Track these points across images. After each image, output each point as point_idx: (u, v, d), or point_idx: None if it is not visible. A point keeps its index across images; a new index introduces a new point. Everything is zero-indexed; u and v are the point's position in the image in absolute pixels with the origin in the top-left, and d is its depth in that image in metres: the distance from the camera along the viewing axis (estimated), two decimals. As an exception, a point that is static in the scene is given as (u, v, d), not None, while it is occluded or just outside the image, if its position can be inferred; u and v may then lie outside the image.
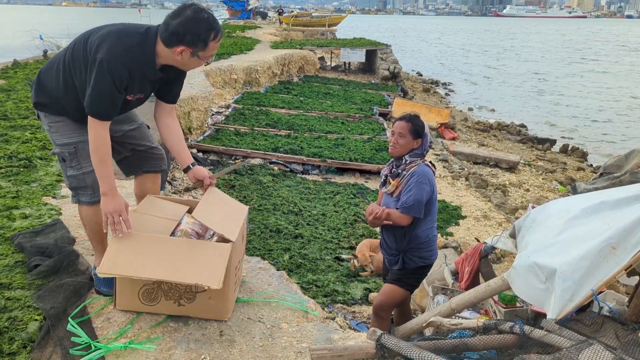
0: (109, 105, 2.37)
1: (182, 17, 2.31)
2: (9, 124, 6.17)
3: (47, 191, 4.21)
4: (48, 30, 22.75)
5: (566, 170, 12.27)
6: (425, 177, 3.15)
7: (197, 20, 2.32)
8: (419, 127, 3.20)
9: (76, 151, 2.57)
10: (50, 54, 13.75)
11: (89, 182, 2.59)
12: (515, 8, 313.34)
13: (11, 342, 2.25)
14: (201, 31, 2.32)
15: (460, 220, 7.46)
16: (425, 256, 3.27)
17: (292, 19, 37.01)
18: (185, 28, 2.31)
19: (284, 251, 5.39)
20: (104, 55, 2.29)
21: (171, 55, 2.38)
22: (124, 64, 2.31)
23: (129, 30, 2.41)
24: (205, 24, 2.33)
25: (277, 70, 16.53)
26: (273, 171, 8.09)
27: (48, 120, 2.60)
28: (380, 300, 3.35)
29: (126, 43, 2.34)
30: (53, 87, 2.52)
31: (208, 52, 2.40)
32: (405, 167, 3.22)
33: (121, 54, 2.31)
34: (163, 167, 2.95)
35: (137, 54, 2.35)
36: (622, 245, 2.26)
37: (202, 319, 2.50)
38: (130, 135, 2.79)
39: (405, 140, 3.18)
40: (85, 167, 2.58)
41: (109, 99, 2.34)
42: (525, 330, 2.21)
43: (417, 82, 25.14)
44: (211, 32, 2.35)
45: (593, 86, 28.10)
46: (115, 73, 2.30)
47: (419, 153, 3.24)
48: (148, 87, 2.55)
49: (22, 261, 2.96)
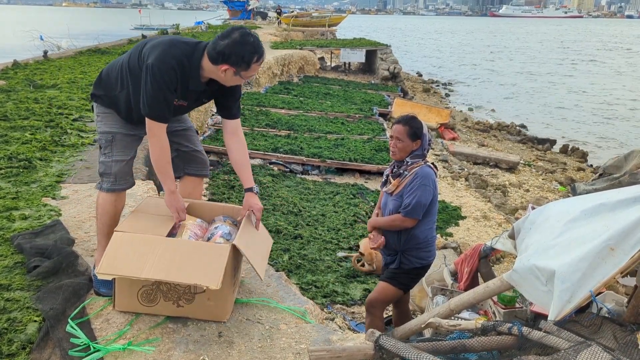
0: (164, 106, 2.56)
1: (230, 39, 2.47)
2: (8, 125, 6.17)
3: (47, 192, 4.21)
4: (48, 30, 22.79)
5: (566, 170, 12.27)
6: (427, 179, 3.17)
7: (243, 44, 2.48)
8: (416, 128, 3.21)
9: (113, 140, 2.79)
10: (50, 54, 13.75)
11: (114, 170, 2.78)
12: (512, 8, 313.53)
13: (10, 343, 2.25)
14: (245, 54, 2.48)
15: (460, 221, 7.47)
16: (422, 257, 3.28)
17: (292, 19, 37.01)
18: (232, 50, 2.46)
19: (283, 252, 5.40)
20: (153, 60, 2.49)
21: (215, 71, 2.54)
22: (172, 69, 2.50)
23: (179, 42, 2.60)
24: (250, 48, 2.49)
25: (277, 71, 16.55)
26: (273, 171, 8.10)
27: (98, 110, 2.83)
28: (372, 297, 3.40)
29: (174, 52, 2.53)
30: (112, 84, 2.74)
31: (250, 72, 2.56)
32: (407, 168, 3.23)
33: (169, 59, 2.50)
34: (204, 172, 3.09)
35: (184, 62, 2.53)
36: (620, 247, 2.26)
37: (201, 320, 2.50)
38: (177, 134, 2.94)
39: (404, 144, 3.20)
40: (116, 155, 2.78)
41: (163, 100, 2.53)
42: (523, 332, 2.21)
43: (417, 83, 25.15)
44: (254, 55, 2.51)
45: (591, 86, 28.10)
46: (165, 74, 2.49)
47: (419, 154, 3.25)
48: (191, 97, 2.69)
49: (21, 262, 2.96)
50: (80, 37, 26.06)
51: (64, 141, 5.71)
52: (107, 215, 2.79)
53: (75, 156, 5.27)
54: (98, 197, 2.87)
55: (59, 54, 14.63)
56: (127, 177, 2.85)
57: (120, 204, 2.83)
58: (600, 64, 39.69)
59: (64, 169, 4.86)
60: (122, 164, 2.78)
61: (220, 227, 2.72)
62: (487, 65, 37.81)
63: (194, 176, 3.09)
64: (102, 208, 2.82)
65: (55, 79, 9.70)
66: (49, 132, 6.00)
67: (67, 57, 13.71)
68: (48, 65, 11.62)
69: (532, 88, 26.97)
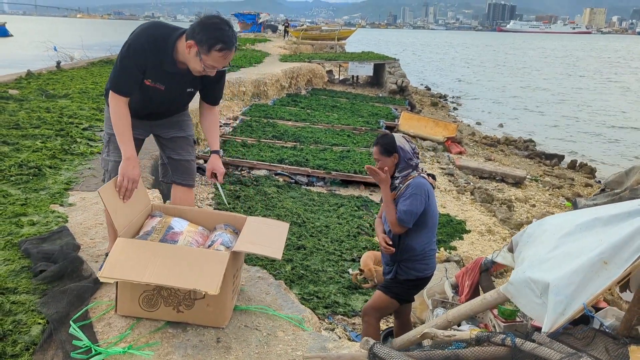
0: (127, 81, 2.65)
1: (207, 19, 2.52)
2: (20, 133, 6.30)
3: (55, 199, 4.30)
4: (62, 41, 23.17)
5: (574, 186, 12.21)
6: (418, 189, 3.20)
7: (214, 27, 2.50)
8: (386, 145, 3.27)
9: (109, 140, 2.92)
10: (63, 64, 13.99)
11: (109, 168, 2.94)
12: (519, 23, 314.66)
13: (14, 344, 2.31)
14: (210, 35, 2.48)
15: (464, 235, 7.47)
16: (419, 269, 3.31)
17: (302, 32, 37.34)
18: (201, 27, 2.50)
19: (286, 262, 5.44)
20: (129, 39, 2.61)
21: (184, 50, 2.56)
22: (142, 45, 2.58)
23: (161, 25, 2.69)
24: (218, 33, 2.49)
25: (285, 83, 16.70)
26: (278, 182, 8.17)
27: (106, 108, 2.94)
28: (367, 305, 3.47)
29: (151, 32, 2.63)
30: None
31: (208, 60, 2.54)
32: (401, 181, 3.28)
33: (143, 38, 2.59)
34: (190, 182, 3.13)
35: (159, 42, 2.59)
36: (613, 260, 2.29)
37: (200, 326, 2.55)
38: (173, 141, 3.05)
39: (382, 162, 3.28)
40: (110, 155, 2.92)
41: (127, 75, 2.63)
42: (516, 343, 2.24)
43: (425, 96, 25.20)
44: (219, 43, 2.49)
45: (599, 102, 28.04)
46: (134, 52, 2.58)
47: (404, 166, 3.28)
48: (168, 81, 2.73)
49: (28, 266, 3.03)
50: (94, 47, 26.43)
51: (73, 150, 5.82)
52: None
53: (83, 164, 5.37)
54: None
55: (72, 64, 14.88)
56: None
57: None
58: (610, 81, 39.62)
59: (73, 176, 4.96)
60: (116, 164, 2.82)
61: (221, 235, 2.78)
62: (496, 80, 37.86)
63: (180, 185, 3.13)
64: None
65: (67, 89, 9.88)
66: (59, 141, 6.12)
67: (79, 67, 13.95)
68: (61, 76, 11.82)
69: (541, 103, 26.96)
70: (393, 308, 3.51)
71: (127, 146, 2.68)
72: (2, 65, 15.68)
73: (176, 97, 2.88)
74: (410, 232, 3.23)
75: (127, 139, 2.69)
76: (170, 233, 2.72)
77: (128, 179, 2.67)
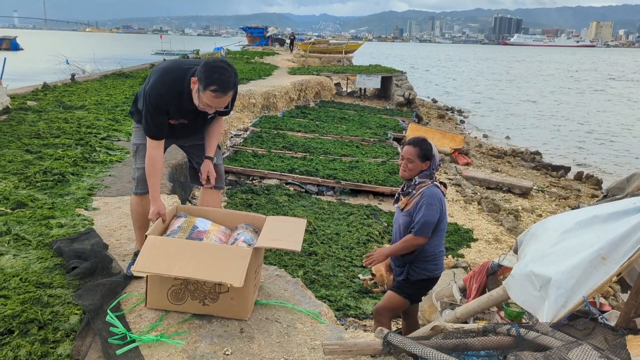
0: (156, 128, 2.93)
1: (213, 62, 2.79)
2: (42, 142, 6.54)
3: (80, 203, 4.51)
4: (74, 55, 23.62)
5: (580, 197, 12.32)
6: (433, 198, 3.35)
7: (216, 70, 2.73)
8: (426, 150, 3.41)
9: (137, 150, 3.20)
10: (77, 77, 14.33)
11: (137, 176, 3.21)
12: (523, 37, 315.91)
13: (55, 331, 2.50)
14: (208, 76, 2.72)
15: (471, 243, 7.61)
16: (429, 269, 3.46)
17: (309, 45, 37.76)
18: (206, 67, 2.75)
19: (298, 267, 5.60)
20: (148, 89, 2.89)
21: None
22: (160, 96, 2.86)
23: (173, 69, 2.92)
24: (215, 76, 2.72)
25: (294, 95, 16.96)
26: (289, 191, 8.36)
27: (133, 124, 3.27)
28: (379, 305, 3.63)
29: (166, 79, 2.89)
30: (139, 103, 3.12)
31: (204, 98, 2.78)
32: (415, 187, 3.44)
33: (160, 87, 2.86)
34: (219, 184, 3.36)
35: (175, 87, 2.86)
36: (611, 256, 2.46)
37: (224, 318, 2.73)
38: (199, 147, 3.27)
39: (414, 165, 3.40)
40: (138, 164, 3.20)
41: (154, 122, 2.92)
42: (521, 332, 2.40)
43: (432, 109, 25.42)
44: (213, 84, 2.72)
45: (604, 114, 28.15)
46: (154, 101, 2.86)
47: (427, 174, 3.44)
48: (190, 115, 3.01)
49: (60, 264, 3.24)
50: (104, 61, 26.93)
51: (93, 158, 6.05)
52: (137, 214, 3.26)
53: (104, 172, 5.59)
54: (130, 200, 3.36)
55: (85, 77, 15.22)
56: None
57: (146, 203, 3.13)
58: (613, 94, 39.72)
59: (95, 183, 5.17)
60: (142, 171, 3.11)
61: (243, 234, 2.97)
62: (502, 93, 38.04)
63: (210, 188, 3.33)
64: (132, 207, 3.31)
65: (83, 101, 10.16)
66: (79, 150, 6.35)
67: (93, 80, 14.28)
68: (75, 88, 12.13)
69: (547, 115, 27.10)
70: (404, 308, 3.66)
71: (153, 189, 2.98)
72: (15, 79, 16.04)
73: (201, 125, 3.17)
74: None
75: (154, 181, 2.98)
76: (195, 232, 2.92)
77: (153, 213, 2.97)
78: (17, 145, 6.31)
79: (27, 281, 2.98)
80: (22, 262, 3.25)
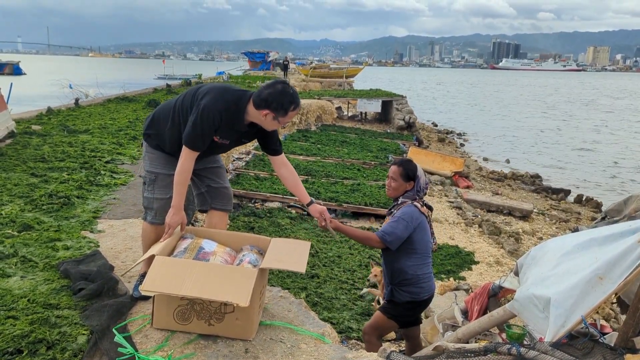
0: (200, 140, 2.95)
1: (273, 89, 2.89)
2: (47, 166, 6.64)
3: (85, 226, 4.58)
4: (77, 79, 23.92)
5: (580, 220, 12.36)
6: (405, 215, 3.38)
7: (284, 94, 2.90)
8: (409, 170, 3.48)
9: (155, 180, 3.20)
10: (81, 102, 14.52)
11: (156, 207, 3.21)
12: (511, 61, 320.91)
13: (63, 351, 2.54)
14: (285, 102, 2.89)
15: (473, 265, 7.64)
16: (413, 292, 3.46)
17: (310, 70, 38.22)
18: (273, 98, 2.87)
19: (300, 290, 5.63)
20: (206, 102, 2.92)
21: (258, 116, 2.95)
22: (219, 112, 2.92)
23: (230, 89, 3.04)
24: (289, 98, 2.90)
25: (295, 119, 17.15)
26: (291, 214, 8.42)
27: (146, 149, 3.26)
28: (366, 325, 3.69)
29: (227, 97, 2.97)
30: (162, 122, 3.14)
31: (287, 119, 2.98)
32: (397, 207, 3.51)
33: (220, 103, 2.93)
34: (228, 207, 3.45)
35: (232, 107, 2.95)
36: (608, 276, 2.51)
37: (229, 338, 2.77)
38: (211, 171, 3.35)
39: (397, 183, 3.49)
40: (157, 194, 3.20)
41: (201, 134, 2.94)
42: (521, 351, 2.44)
43: (433, 132, 25.63)
44: (292, 104, 2.92)
45: (603, 137, 28.35)
46: (211, 116, 2.90)
47: (411, 194, 3.49)
48: (233, 137, 3.10)
49: (67, 285, 3.29)
50: (107, 85, 27.25)
51: (98, 181, 6.13)
52: (149, 241, 3.23)
53: (109, 195, 5.67)
54: (143, 227, 3.34)
55: (89, 101, 15.42)
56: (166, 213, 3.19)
57: (160, 232, 3.17)
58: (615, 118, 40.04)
59: (99, 206, 5.24)
60: (162, 201, 3.17)
61: (248, 255, 3.03)
62: (502, 118, 38.35)
63: (219, 210, 3.43)
64: (144, 235, 3.29)
65: (87, 125, 10.30)
66: (84, 173, 6.44)
67: (96, 104, 14.47)
68: (79, 112, 12.30)
69: (547, 138, 27.30)
70: (392, 328, 3.70)
71: (180, 198, 3.02)
72: (18, 103, 16.25)
73: (233, 146, 3.25)
74: (399, 257, 3.42)
75: (183, 191, 3.02)
76: (202, 252, 2.98)
77: (171, 224, 3.03)
78: (23, 168, 6.40)
79: (35, 302, 3.03)
80: (29, 284, 3.30)
